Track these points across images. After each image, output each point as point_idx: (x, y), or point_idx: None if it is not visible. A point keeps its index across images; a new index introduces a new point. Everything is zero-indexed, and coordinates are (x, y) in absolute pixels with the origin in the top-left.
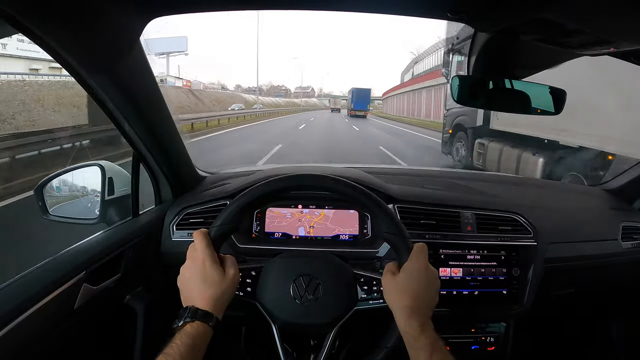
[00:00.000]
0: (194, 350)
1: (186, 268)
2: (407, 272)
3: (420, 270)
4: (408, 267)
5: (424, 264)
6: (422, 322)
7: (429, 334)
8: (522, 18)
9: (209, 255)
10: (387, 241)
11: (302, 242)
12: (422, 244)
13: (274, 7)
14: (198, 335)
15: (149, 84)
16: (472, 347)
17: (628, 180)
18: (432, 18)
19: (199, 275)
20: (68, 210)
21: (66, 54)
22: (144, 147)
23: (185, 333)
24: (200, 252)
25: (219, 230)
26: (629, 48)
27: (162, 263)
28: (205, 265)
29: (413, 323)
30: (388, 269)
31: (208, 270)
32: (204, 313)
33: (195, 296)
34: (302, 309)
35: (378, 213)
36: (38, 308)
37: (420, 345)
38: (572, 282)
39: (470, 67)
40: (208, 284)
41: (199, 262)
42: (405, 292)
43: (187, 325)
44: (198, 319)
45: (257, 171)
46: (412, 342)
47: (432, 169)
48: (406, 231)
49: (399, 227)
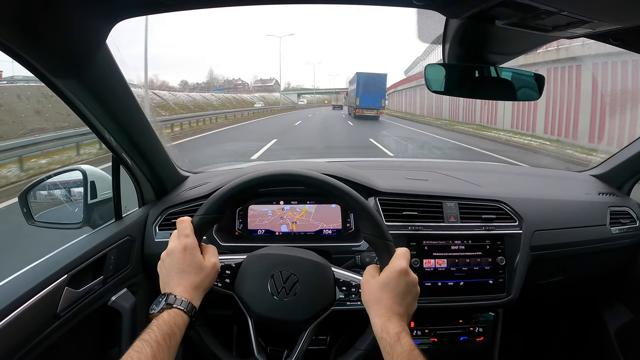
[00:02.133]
0: (171, 337)
1: (167, 254)
2: (386, 276)
3: (400, 276)
4: (388, 271)
5: (404, 269)
6: (399, 329)
7: (405, 341)
8: (491, 1)
9: (190, 243)
10: (369, 242)
11: (285, 238)
12: (405, 249)
13: (232, 4)
14: (175, 322)
15: (119, 88)
16: (460, 338)
17: (615, 164)
18: (398, 6)
19: (179, 262)
20: (53, 216)
21: (31, 59)
22: (121, 150)
23: (162, 320)
24: (182, 239)
25: (202, 220)
26: (606, 28)
27: (145, 264)
28: (185, 252)
29: (390, 329)
30: (368, 271)
31: (188, 258)
32: (181, 300)
33: (173, 283)
34: (278, 304)
35: (360, 213)
36: (19, 313)
37: (396, 353)
38: (560, 269)
39: (445, 55)
40: (187, 271)
41: (179, 248)
42: (382, 297)
43: (164, 312)
44: (175, 306)
45: (240, 168)
46: (388, 349)
47: (416, 160)
48: (389, 234)
49: (382, 230)
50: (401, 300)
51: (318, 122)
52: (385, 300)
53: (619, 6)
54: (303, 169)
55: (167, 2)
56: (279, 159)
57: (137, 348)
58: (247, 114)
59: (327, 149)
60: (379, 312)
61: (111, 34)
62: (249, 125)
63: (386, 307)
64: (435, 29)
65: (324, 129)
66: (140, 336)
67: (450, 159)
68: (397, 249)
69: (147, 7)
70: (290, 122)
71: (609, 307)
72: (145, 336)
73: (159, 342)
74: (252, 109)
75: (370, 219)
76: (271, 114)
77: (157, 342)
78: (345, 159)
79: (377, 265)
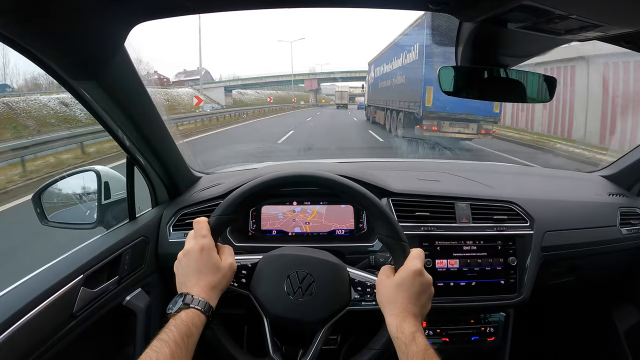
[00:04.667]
0: (189, 337)
1: (184, 254)
2: (401, 277)
3: (415, 277)
4: (403, 272)
5: (419, 269)
6: (414, 329)
7: (420, 340)
8: (506, 6)
9: (207, 243)
10: (384, 243)
11: (298, 238)
12: (419, 250)
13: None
14: (192, 322)
15: (136, 90)
16: (472, 338)
17: (625, 165)
18: (413, 10)
19: (196, 262)
20: (66, 216)
21: (50, 61)
22: (136, 151)
23: (180, 320)
24: (199, 240)
25: (218, 220)
26: (618, 32)
27: (160, 264)
28: (202, 252)
29: (405, 329)
30: (383, 272)
31: (205, 258)
32: (198, 300)
33: (190, 283)
34: (294, 304)
35: (375, 214)
36: (37, 313)
37: (412, 352)
38: (571, 270)
39: (458, 57)
40: (204, 271)
41: (197, 249)
42: (397, 298)
43: (182, 312)
44: (192, 306)
45: (253, 169)
46: (403, 349)
47: (428, 161)
48: (404, 235)
49: (397, 231)
50: (416, 300)
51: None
52: (400, 300)
53: (631, 11)
54: (317, 170)
55: (185, 5)
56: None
57: (156, 348)
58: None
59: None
60: (394, 312)
61: (129, 36)
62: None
63: (401, 307)
64: (450, 31)
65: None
66: (158, 336)
67: (461, 160)
68: (411, 249)
69: (166, 10)
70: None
71: (618, 308)
72: (163, 336)
73: (177, 342)
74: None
75: (386, 220)
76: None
77: (176, 342)
78: (358, 160)
79: (392, 265)
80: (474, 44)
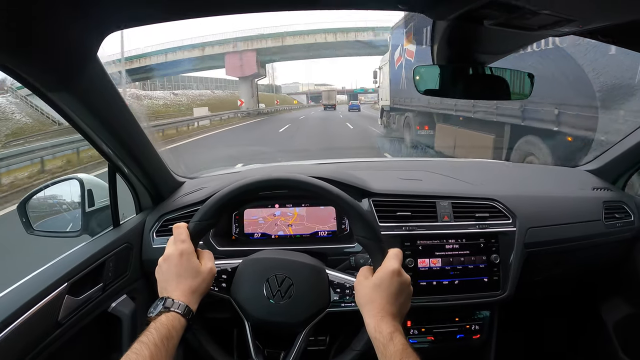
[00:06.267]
0: (168, 340)
1: (164, 259)
2: (379, 277)
3: (393, 276)
4: (381, 272)
5: (397, 269)
6: (392, 329)
7: (398, 340)
8: (476, 2)
9: (186, 248)
10: (361, 244)
11: (281, 241)
12: (397, 250)
13: (221, 14)
14: (172, 325)
15: (112, 97)
16: (457, 336)
17: (610, 159)
18: (382, 10)
19: (176, 267)
20: (52, 225)
21: (23, 73)
22: (116, 159)
23: (160, 323)
24: (178, 245)
25: (197, 226)
26: (594, 26)
27: (144, 270)
28: (182, 257)
29: (383, 329)
30: (361, 273)
31: (185, 263)
32: (178, 304)
33: (171, 287)
34: (274, 307)
35: (352, 215)
36: (21, 322)
37: (389, 352)
38: (556, 266)
39: (433, 56)
40: (184, 276)
41: (176, 254)
42: (375, 298)
43: (162, 315)
44: (173, 310)
45: (236, 173)
46: (381, 349)
47: (410, 160)
48: (381, 235)
49: (374, 232)
50: (394, 300)
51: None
52: (378, 301)
53: (600, 5)
54: (295, 173)
55: (156, 15)
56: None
57: (136, 350)
58: None
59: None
60: (372, 312)
61: (102, 46)
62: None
63: (379, 307)
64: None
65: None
66: (138, 338)
67: (444, 158)
68: (389, 249)
69: (138, 19)
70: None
71: (606, 301)
72: (143, 338)
73: (157, 344)
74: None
75: (362, 221)
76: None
77: (155, 345)
78: (340, 160)
79: (371, 266)
80: (449, 42)
